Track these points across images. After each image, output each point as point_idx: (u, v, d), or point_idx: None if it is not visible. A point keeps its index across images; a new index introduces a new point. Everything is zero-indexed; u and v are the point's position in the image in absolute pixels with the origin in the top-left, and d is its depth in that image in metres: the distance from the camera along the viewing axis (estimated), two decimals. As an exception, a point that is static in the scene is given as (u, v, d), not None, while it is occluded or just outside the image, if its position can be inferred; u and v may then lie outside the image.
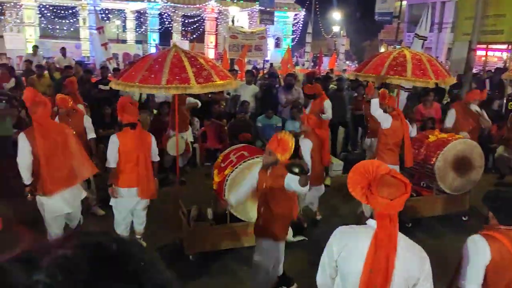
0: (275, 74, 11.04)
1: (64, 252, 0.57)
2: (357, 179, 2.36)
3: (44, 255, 0.57)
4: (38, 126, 4.25)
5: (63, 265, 0.55)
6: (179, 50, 4.87)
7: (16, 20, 24.31)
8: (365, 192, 2.32)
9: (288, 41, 26.87)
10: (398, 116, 5.57)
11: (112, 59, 13.03)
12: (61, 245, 0.59)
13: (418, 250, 2.33)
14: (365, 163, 2.39)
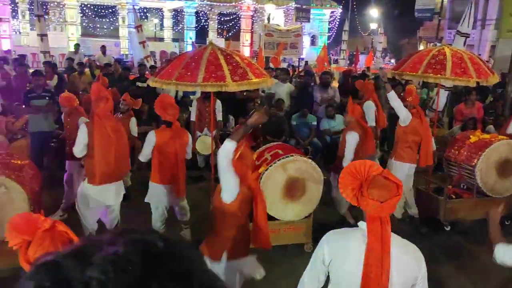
0: (310, 72, 10.96)
1: (116, 249, 0.58)
2: (348, 180, 2.28)
3: (96, 251, 0.58)
4: (98, 120, 4.48)
5: (115, 262, 0.56)
6: (216, 48, 4.89)
7: (59, 19, 25.21)
8: (356, 193, 2.24)
9: (324, 39, 26.58)
10: (417, 114, 5.47)
11: (149, 57, 13.28)
12: (111, 241, 0.60)
13: (413, 250, 2.26)
14: (356, 164, 2.31)
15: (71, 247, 0.60)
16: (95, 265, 0.55)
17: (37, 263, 0.58)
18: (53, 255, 0.58)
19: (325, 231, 2.43)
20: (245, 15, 25.60)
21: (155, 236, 0.62)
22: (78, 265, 0.55)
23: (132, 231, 0.63)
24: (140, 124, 7.98)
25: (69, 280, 0.54)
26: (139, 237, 0.62)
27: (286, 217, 5.10)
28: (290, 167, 5.03)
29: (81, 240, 0.62)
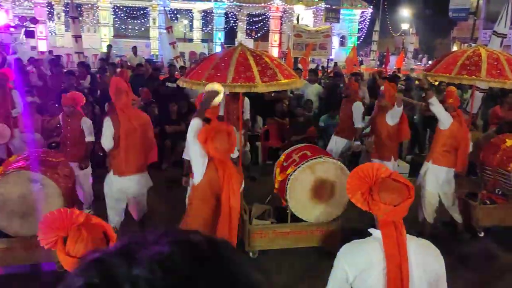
0: (339, 73, 10.85)
1: (162, 249, 0.58)
2: (356, 183, 2.21)
3: (141, 250, 0.58)
4: (121, 112, 4.63)
5: (162, 262, 0.56)
6: (245, 49, 4.91)
7: (92, 21, 25.87)
8: (366, 198, 2.17)
9: (353, 40, 26.28)
10: (458, 118, 5.31)
11: (179, 58, 13.45)
12: (156, 241, 0.60)
13: (432, 248, 2.19)
14: (364, 166, 2.25)
15: (117, 245, 0.61)
16: (142, 264, 0.56)
17: (85, 259, 0.59)
18: (100, 252, 0.59)
19: (353, 235, 2.38)
20: (274, 16, 25.58)
21: (199, 236, 0.62)
22: (125, 263, 0.56)
23: (176, 231, 0.64)
24: (169, 124, 8.10)
25: (117, 278, 0.55)
26: (183, 237, 0.62)
27: (314, 218, 5.07)
28: (318, 169, 4.99)
29: (126, 238, 0.62)
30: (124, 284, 0.54)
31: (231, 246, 0.65)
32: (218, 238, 0.65)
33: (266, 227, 5.10)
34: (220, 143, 3.35)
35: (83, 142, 5.62)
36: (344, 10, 25.30)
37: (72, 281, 0.57)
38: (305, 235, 5.14)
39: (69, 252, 1.95)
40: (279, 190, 5.26)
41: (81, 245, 1.95)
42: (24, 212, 4.41)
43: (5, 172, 4.41)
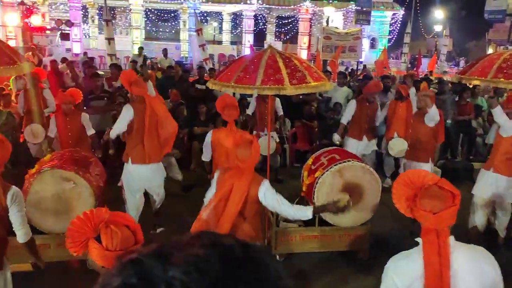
0: (368, 76, 10.71)
1: (197, 251, 0.59)
2: (401, 190, 2.18)
3: (176, 252, 0.60)
4: (137, 102, 4.85)
5: (196, 264, 0.57)
6: (274, 51, 4.90)
7: (125, 24, 26.45)
8: (410, 204, 2.14)
9: (384, 42, 25.88)
10: None
11: (208, 60, 13.59)
12: (190, 243, 0.61)
13: (484, 254, 2.11)
14: (410, 173, 2.22)
15: (153, 247, 0.62)
16: (177, 265, 0.57)
17: (122, 260, 0.61)
18: (136, 253, 0.61)
19: (381, 240, 2.34)
20: (304, 18, 25.48)
21: (232, 240, 0.63)
22: (161, 265, 0.58)
23: (209, 234, 0.64)
24: (198, 125, 8.17)
25: (154, 279, 0.56)
26: (217, 240, 0.63)
27: (342, 223, 5.01)
28: (347, 173, 4.93)
29: (161, 241, 0.64)
30: (160, 285, 0.56)
31: (264, 250, 0.65)
32: (251, 242, 0.65)
33: (293, 230, 5.07)
34: (241, 152, 3.32)
35: (86, 137, 5.88)
36: (375, 12, 24.93)
37: (110, 280, 0.58)
38: (333, 239, 5.09)
39: (108, 247, 1.99)
40: (307, 193, 5.22)
41: (116, 238, 2.01)
42: (57, 210, 4.54)
43: (40, 170, 4.55)
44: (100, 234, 2.03)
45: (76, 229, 2.04)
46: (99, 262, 2.03)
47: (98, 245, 2.01)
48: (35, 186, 4.48)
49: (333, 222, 5.00)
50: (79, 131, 5.87)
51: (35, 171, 4.60)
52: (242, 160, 3.30)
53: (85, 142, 5.86)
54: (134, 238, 2.07)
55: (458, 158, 8.79)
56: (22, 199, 3.25)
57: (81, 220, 2.05)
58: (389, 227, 5.64)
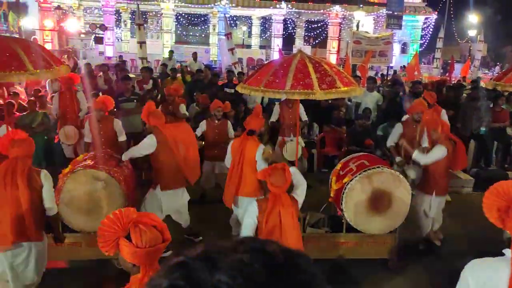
0: (399, 81, 10.54)
1: (241, 256, 0.60)
2: (494, 200, 2.13)
3: (221, 256, 0.61)
4: (165, 129, 5.00)
5: (242, 269, 0.59)
6: (304, 56, 4.89)
7: (156, 28, 26.93)
8: (502, 215, 2.09)
9: (415, 47, 25.41)
10: None
11: (237, 64, 13.64)
12: (233, 248, 0.63)
13: None
14: (503, 184, 2.16)
15: (198, 250, 0.64)
16: (223, 269, 0.58)
17: (169, 263, 0.62)
18: (183, 256, 0.63)
19: (409, 249, 2.30)
20: (333, 22, 25.32)
21: (275, 246, 0.64)
22: (207, 268, 0.59)
23: (252, 240, 0.65)
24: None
25: (200, 282, 0.58)
26: (260, 246, 0.64)
27: (369, 230, 4.94)
28: (376, 179, 4.86)
29: (205, 245, 0.65)
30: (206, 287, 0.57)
31: (306, 257, 0.65)
32: (294, 249, 0.65)
33: (320, 236, 5.03)
34: (275, 179, 3.59)
35: (117, 143, 5.94)
36: (407, 16, 24.51)
37: (157, 282, 0.60)
38: (360, 247, 5.02)
39: (138, 245, 2.08)
40: (335, 199, 5.17)
41: (145, 236, 2.10)
42: (89, 209, 4.65)
43: (73, 170, 4.68)
44: (130, 233, 2.11)
45: (107, 229, 2.13)
46: (130, 260, 2.12)
47: (129, 243, 2.09)
48: (68, 185, 4.60)
49: (361, 229, 4.94)
50: (112, 137, 5.96)
51: (68, 170, 4.73)
52: (277, 187, 3.60)
53: (117, 147, 5.93)
54: (161, 237, 2.16)
55: (492, 167, 8.53)
56: (51, 180, 3.89)
57: (111, 220, 2.13)
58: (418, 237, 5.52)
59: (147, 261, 2.12)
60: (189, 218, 5.40)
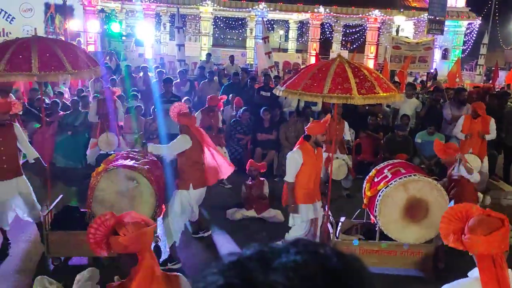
0: (439, 88, 10.27)
1: (295, 258, 0.60)
2: (448, 224, 2.20)
3: (276, 257, 0.61)
4: (196, 129, 5.20)
5: (297, 270, 0.59)
6: (344, 60, 4.85)
7: (194, 31, 27.36)
8: (459, 237, 2.14)
9: (457, 53, 24.66)
10: None
11: (273, 67, 13.66)
12: (287, 249, 0.63)
13: None
14: (455, 208, 2.23)
15: (251, 251, 0.64)
16: (279, 270, 0.58)
17: (223, 261, 0.63)
18: (237, 255, 0.63)
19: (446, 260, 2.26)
20: (372, 27, 24.92)
21: (328, 249, 0.64)
22: (262, 268, 0.59)
23: (303, 242, 0.65)
24: (261, 132, 8.25)
25: (256, 281, 0.58)
26: (313, 248, 0.64)
27: (404, 239, 4.83)
28: (412, 187, 4.75)
29: (257, 245, 0.65)
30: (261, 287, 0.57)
31: (360, 261, 0.65)
32: (348, 253, 0.65)
33: (352, 243, 4.96)
34: None
35: None
36: (449, 22, 23.86)
37: (212, 279, 0.60)
38: (395, 256, 4.92)
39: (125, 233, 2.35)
40: (369, 206, 5.09)
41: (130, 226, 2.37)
42: (120, 208, 4.72)
43: (107, 169, 4.80)
44: (116, 230, 2.36)
45: (94, 232, 2.39)
46: (124, 251, 2.33)
47: (117, 236, 2.33)
48: (101, 184, 4.72)
49: (395, 237, 4.83)
50: None
51: (101, 169, 4.84)
52: None
53: None
54: (144, 222, 2.43)
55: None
56: None
57: (95, 225, 2.41)
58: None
59: (139, 246, 2.33)
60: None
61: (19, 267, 4.89)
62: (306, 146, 4.75)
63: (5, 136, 4.89)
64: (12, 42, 4.79)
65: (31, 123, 7.96)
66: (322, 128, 4.76)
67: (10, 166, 4.92)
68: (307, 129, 4.82)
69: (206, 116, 7.34)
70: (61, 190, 6.26)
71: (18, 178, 5.01)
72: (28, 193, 5.08)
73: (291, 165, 4.72)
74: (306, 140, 4.78)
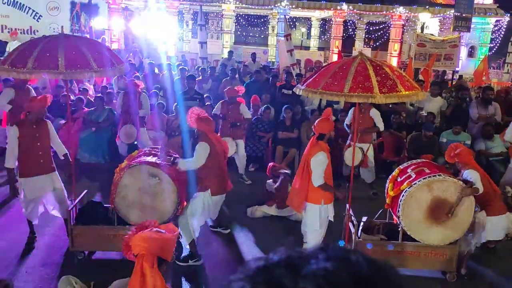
0: (463, 86, 10.04)
1: (325, 265, 0.59)
2: None
3: (304, 263, 0.60)
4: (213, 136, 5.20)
5: (327, 278, 0.57)
6: (365, 58, 4.78)
7: (216, 28, 27.46)
8: None
9: (484, 50, 24.07)
10: None
11: (295, 65, 13.59)
12: (315, 255, 0.61)
13: None
14: None
15: (279, 256, 0.62)
16: (308, 278, 0.57)
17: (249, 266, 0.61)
18: (264, 261, 0.61)
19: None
20: (396, 24, 24.54)
21: (359, 256, 0.62)
22: (290, 275, 0.58)
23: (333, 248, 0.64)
24: (283, 130, 8.22)
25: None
26: (344, 254, 0.62)
27: (428, 240, 4.75)
28: (436, 187, 4.66)
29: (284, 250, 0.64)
30: None
31: (393, 270, 0.62)
32: (381, 260, 0.63)
33: (375, 243, 4.90)
34: None
35: None
36: (476, 19, 23.29)
37: (239, 285, 0.59)
38: (417, 257, 4.84)
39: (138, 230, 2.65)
40: (391, 206, 5.02)
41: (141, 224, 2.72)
42: (143, 204, 4.81)
43: (130, 165, 4.86)
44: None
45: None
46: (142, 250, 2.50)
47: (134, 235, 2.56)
48: (124, 180, 4.79)
49: (418, 238, 4.76)
50: None
51: (124, 165, 4.91)
52: None
53: None
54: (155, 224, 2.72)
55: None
56: None
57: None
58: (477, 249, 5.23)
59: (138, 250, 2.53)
60: None
61: (45, 260, 5.01)
62: (324, 146, 4.75)
63: (41, 132, 5.05)
64: (40, 40, 4.90)
65: (57, 119, 8.13)
66: (332, 124, 4.87)
67: (45, 161, 5.08)
68: (320, 128, 4.74)
69: (224, 107, 7.42)
70: (85, 185, 6.39)
71: (52, 173, 5.16)
72: (61, 189, 5.22)
73: (320, 168, 4.63)
74: (321, 139, 4.74)
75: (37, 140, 5.01)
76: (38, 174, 5.03)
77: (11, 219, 5.87)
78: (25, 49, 4.67)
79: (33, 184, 5.02)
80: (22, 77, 4.81)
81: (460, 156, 4.93)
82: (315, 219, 4.77)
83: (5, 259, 4.96)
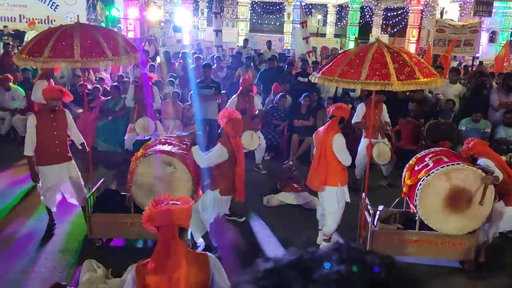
0: (484, 73, 9.82)
1: (338, 269, 0.56)
2: None
3: (316, 266, 0.57)
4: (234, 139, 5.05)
5: (341, 282, 0.54)
6: (382, 45, 4.68)
7: (232, 16, 27.30)
8: None
9: (506, 36, 23.44)
10: None
11: (311, 53, 13.44)
12: (329, 256, 0.58)
13: None
14: None
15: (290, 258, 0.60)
16: (320, 282, 0.55)
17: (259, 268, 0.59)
18: (273, 263, 0.59)
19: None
20: (414, 10, 24.04)
21: (377, 258, 0.58)
22: (301, 278, 0.55)
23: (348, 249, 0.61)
24: (299, 118, 8.17)
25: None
26: (359, 256, 0.59)
27: (446, 229, 4.69)
28: (455, 176, 4.59)
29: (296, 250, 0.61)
30: None
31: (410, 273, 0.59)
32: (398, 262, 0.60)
33: (391, 232, 4.86)
34: None
35: None
36: (498, 3, 22.64)
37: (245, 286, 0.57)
38: (435, 246, 4.79)
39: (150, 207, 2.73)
40: (408, 195, 4.96)
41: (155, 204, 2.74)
42: (158, 192, 4.80)
43: (145, 154, 4.89)
44: None
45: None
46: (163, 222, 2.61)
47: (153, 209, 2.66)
48: (140, 168, 4.83)
49: (436, 227, 4.70)
50: None
51: (140, 154, 4.94)
52: None
53: None
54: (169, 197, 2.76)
55: None
56: None
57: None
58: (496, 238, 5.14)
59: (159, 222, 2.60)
60: None
61: (64, 247, 5.11)
62: (339, 130, 4.91)
63: (58, 122, 5.10)
64: (56, 29, 4.92)
65: (74, 108, 8.22)
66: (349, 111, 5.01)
67: (62, 150, 5.14)
68: (342, 112, 4.90)
69: (242, 100, 7.34)
70: (102, 173, 6.46)
71: (69, 162, 5.22)
72: (77, 177, 5.28)
73: (345, 148, 4.87)
74: (341, 123, 4.91)
75: (54, 129, 5.06)
76: (54, 163, 5.09)
77: (31, 207, 5.99)
78: (42, 39, 4.70)
79: (49, 173, 5.09)
80: (39, 66, 4.85)
81: (475, 148, 4.87)
82: (333, 201, 4.94)
83: (26, 245, 5.08)
